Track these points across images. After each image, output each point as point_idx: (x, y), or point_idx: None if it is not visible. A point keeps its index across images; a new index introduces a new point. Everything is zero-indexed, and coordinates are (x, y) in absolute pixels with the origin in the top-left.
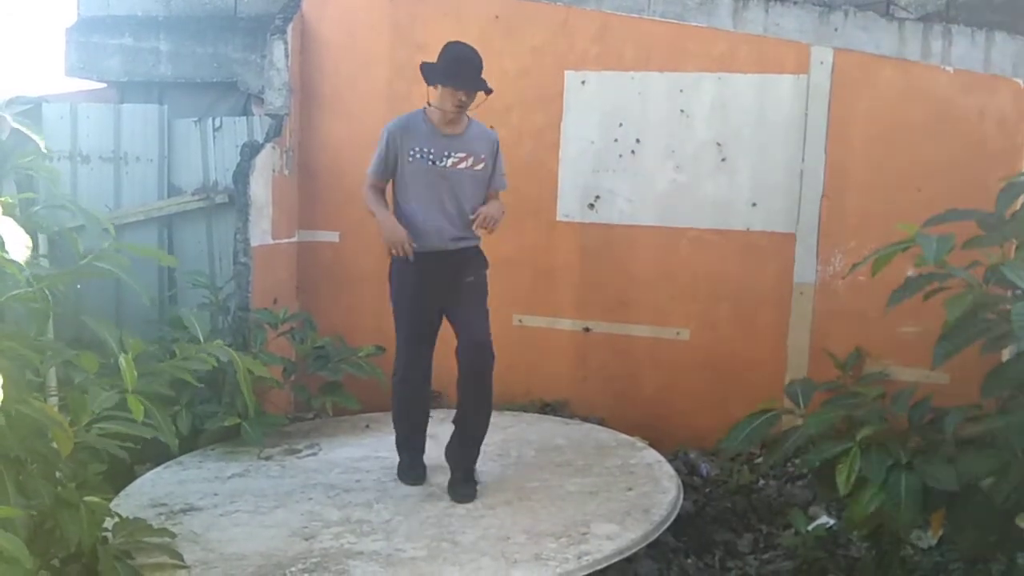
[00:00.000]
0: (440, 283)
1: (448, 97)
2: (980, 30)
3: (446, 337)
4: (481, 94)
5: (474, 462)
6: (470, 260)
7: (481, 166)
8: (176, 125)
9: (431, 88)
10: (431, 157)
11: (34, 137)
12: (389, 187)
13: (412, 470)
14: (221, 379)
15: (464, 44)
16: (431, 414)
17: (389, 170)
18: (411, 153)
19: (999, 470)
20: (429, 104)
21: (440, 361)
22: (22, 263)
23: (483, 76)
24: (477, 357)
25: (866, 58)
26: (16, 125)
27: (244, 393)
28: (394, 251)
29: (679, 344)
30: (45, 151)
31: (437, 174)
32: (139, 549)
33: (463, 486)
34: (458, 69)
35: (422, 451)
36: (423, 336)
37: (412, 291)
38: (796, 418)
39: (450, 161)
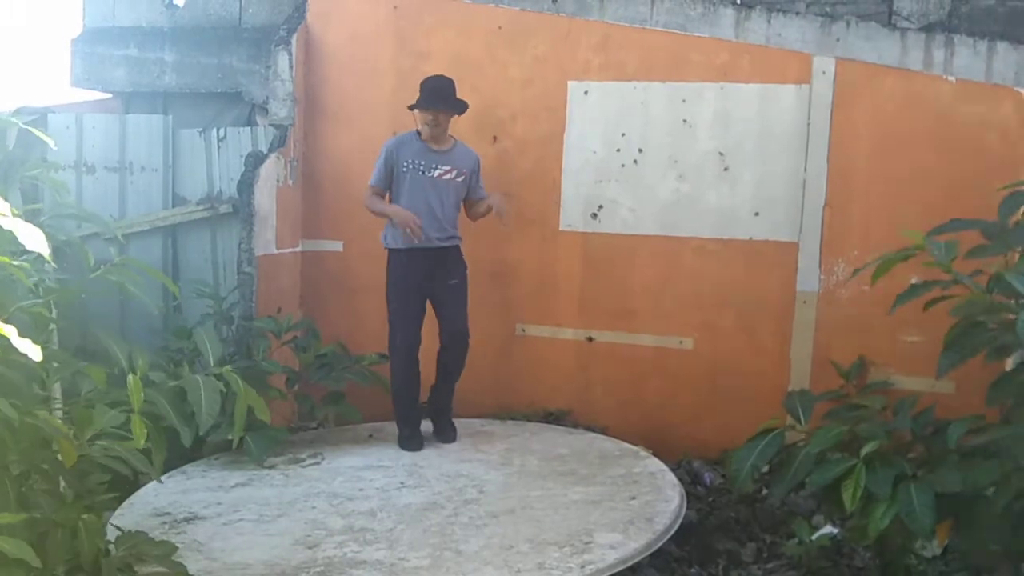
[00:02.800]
0: (428, 274)
1: (420, 117)
2: (982, 40)
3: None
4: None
5: (451, 403)
6: (453, 260)
7: (462, 178)
8: (181, 135)
9: (414, 113)
10: (421, 168)
11: (44, 138)
12: (386, 198)
13: (412, 440)
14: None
15: (438, 76)
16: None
17: (387, 180)
18: (405, 165)
19: (1001, 479)
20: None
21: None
22: (47, 257)
23: (461, 97)
24: (458, 334)
25: (868, 68)
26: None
27: (236, 425)
28: (408, 230)
29: (682, 353)
30: (52, 149)
31: (427, 182)
32: (142, 561)
33: (451, 429)
34: (423, 94)
35: (419, 422)
36: (413, 314)
37: (404, 279)
38: (799, 433)
39: (437, 172)
